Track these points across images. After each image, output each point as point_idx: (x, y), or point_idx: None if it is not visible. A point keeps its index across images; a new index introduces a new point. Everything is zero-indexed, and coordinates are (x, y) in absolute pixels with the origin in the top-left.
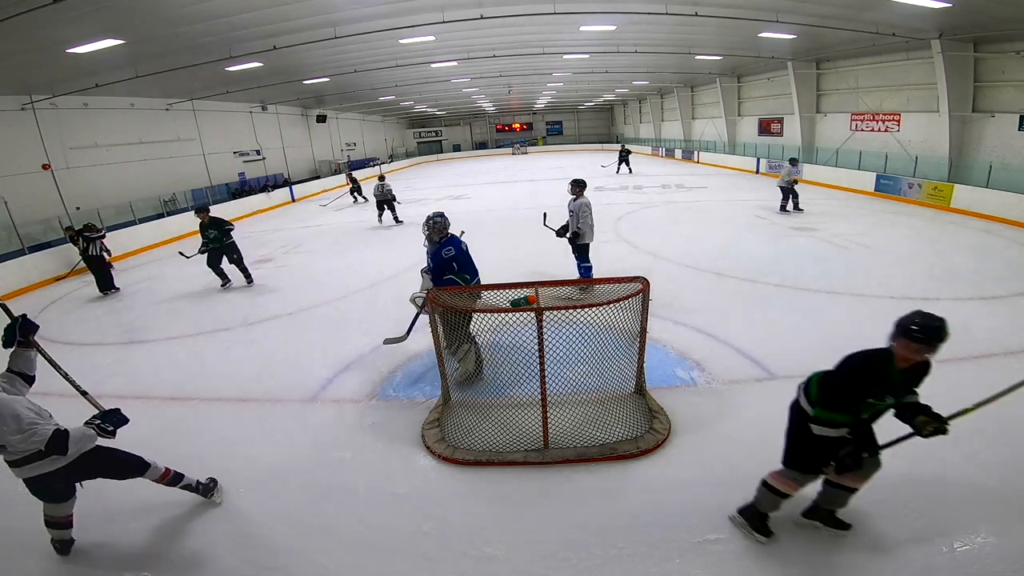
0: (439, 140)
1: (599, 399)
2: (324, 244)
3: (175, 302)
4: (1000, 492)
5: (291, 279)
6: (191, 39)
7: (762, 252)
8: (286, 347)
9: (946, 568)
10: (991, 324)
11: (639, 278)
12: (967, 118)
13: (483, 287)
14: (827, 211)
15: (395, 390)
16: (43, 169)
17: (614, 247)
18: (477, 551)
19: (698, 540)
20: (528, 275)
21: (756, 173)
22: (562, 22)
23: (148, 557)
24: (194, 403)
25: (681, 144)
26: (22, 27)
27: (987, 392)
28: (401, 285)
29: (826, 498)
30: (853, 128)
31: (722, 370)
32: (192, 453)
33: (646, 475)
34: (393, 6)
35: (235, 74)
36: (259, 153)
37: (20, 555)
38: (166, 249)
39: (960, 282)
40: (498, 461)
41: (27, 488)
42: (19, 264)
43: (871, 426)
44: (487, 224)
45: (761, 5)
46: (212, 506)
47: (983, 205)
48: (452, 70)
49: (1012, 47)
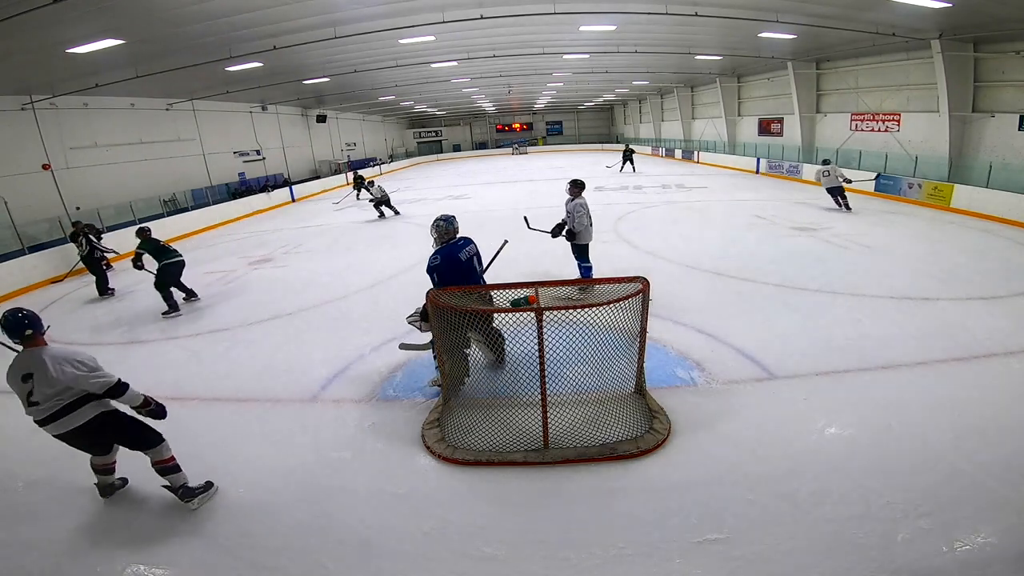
0: (439, 140)
1: (599, 399)
2: (324, 244)
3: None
4: (1000, 492)
5: (291, 279)
6: (191, 39)
7: (762, 252)
8: (286, 347)
9: (946, 568)
10: (991, 324)
11: (639, 278)
12: (967, 118)
13: (483, 287)
14: (827, 211)
15: (395, 390)
16: (43, 169)
17: (614, 247)
18: (477, 551)
19: (698, 540)
20: (528, 275)
21: (756, 173)
22: (562, 22)
23: (148, 556)
24: (194, 403)
25: (681, 144)
26: (22, 27)
27: (987, 392)
28: (402, 285)
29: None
30: (853, 128)
31: (722, 370)
32: (192, 453)
33: (646, 475)
34: (393, 6)
35: (235, 74)
36: (259, 153)
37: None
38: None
39: (960, 282)
40: (498, 461)
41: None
42: (19, 264)
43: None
44: (487, 224)
45: (761, 5)
46: (212, 506)
47: (983, 205)
48: (452, 70)
49: (1012, 47)
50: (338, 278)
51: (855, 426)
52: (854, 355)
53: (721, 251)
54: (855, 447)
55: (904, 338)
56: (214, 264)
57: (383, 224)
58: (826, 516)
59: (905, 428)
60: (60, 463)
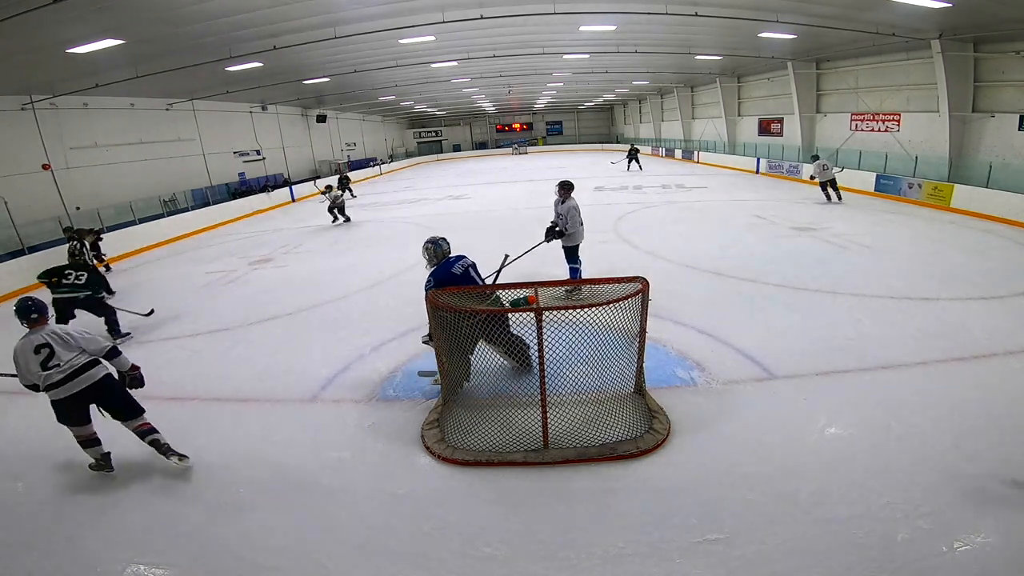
0: (439, 140)
1: (599, 399)
2: (324, 244)
3: (175, 302)
4: (1000, 492)
5: (291, 279)
6: (191, 39)
7: (762, 252)
8: (286, 347)
9: (946, 568)
10: (991, 324)
11: (639, 278)
12: (967, 118)
13: (483, 287)
14: (827, 211)
15: (395, 390)
16: (43, 169)
17: (614, 247)
18: (477, 551)
19: (698, 540)
20: (528, 275)
21: (756, 173)
22: (562, 22)
23: (148, 556)
24: (194, 403)
25: (681, 144)
26: (22, 27)
27: (987, 392)
28: (402, 285)
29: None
30: (853, 128)
31: (722, 370)
32: (191, 453)
33: (646, 475)
34: (393, 6)
35: (235, 74)
36: (259, 153)
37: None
38: (166, 249)
39: (960, 282)
40: (498, 461)
41: (55, 415)
42: (19, 264)
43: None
44: (487, 224)
45: (761, 5)
46: (212, 506)
47: (983, 205)
48: (452, 70)
49: (1012, 47)
50: (338, 278)
51: (855, 426)
52: (854, 355)
53: (721, 251)
54: (855, 447)
55: (904, 338)
56: (214, 264)
57: (383, 224)
58: (826, 516)
59: (905, 428)
60: (60, 464)
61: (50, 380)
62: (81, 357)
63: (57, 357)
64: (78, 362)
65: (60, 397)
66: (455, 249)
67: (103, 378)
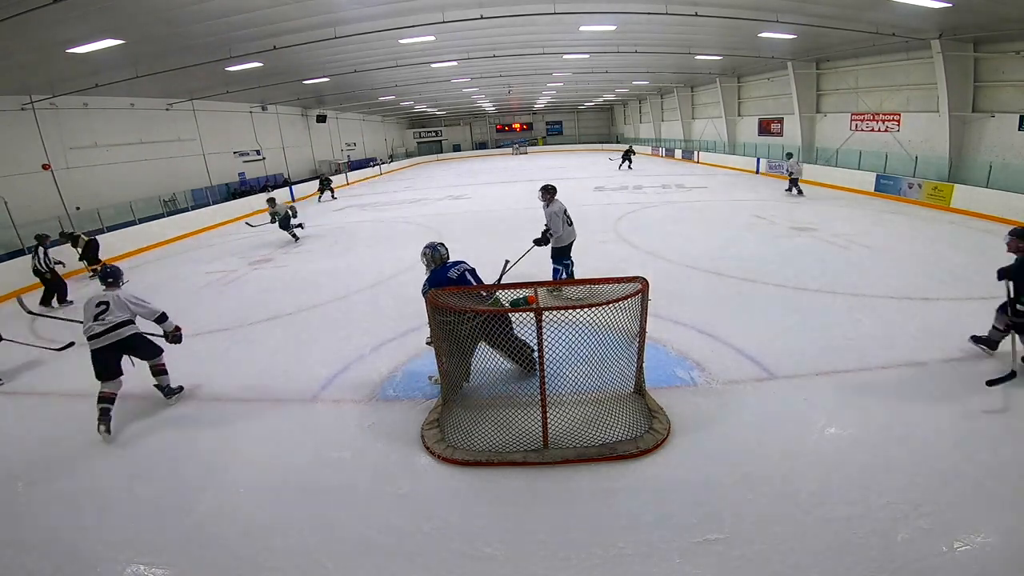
0: (439, 140)
1: (599, 399)
2: (324, 244)
3: (174, 302)
4: (1000, 492)
5: (291, 279)
6: (191, 39)
7: (762, 252)
8: (286, 347)
9: (946, 568)
10: (991, 324)
11: (638, 278)
12: (967, 118)
13: (483, 287)
14: (827, 211)
15: (395, 390)
16: (43, 169)
17: (614, 247)
18: (477, 551)
19: (698, 540)
20: (528, 275)
21: (756, 173)
22: (562, 22)
23: (148, 556)
24: (194, 403)
25: (681, 144)
26: (22, 27)
27: (986, 392)
28: (402, 285)
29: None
30: (853, 128)
31: (722, 370)
32: (192, 453)
33: (646, 475)
34: (393, 6)
35: (235, 74)
36: (259, 153)
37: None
38: (166, 249)
39: (960, 282)
40: (498, 461)
41: (93, 366)
42: (19, 264)
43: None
44: (487, 224)
45: (761, 5)
46: (212, 506)
47: (983, 205)
48: (452, 70)
49: (1012, 47)
50: (338, 278)
51: (855, 426)
52: (854, 355)
53: (721, 251)
54: (855, 447)
55: (904, 338)
56: (214, 264)
57: (383, 224)
58: (826, 516)
59: (905, 428)
60: (60, 465)
61: (92, 331)
62: (122, 317)
63: (108, 314)
64: (114, 322)
65: (97, 347)
66: (455, 254)
67: (130, 336)
